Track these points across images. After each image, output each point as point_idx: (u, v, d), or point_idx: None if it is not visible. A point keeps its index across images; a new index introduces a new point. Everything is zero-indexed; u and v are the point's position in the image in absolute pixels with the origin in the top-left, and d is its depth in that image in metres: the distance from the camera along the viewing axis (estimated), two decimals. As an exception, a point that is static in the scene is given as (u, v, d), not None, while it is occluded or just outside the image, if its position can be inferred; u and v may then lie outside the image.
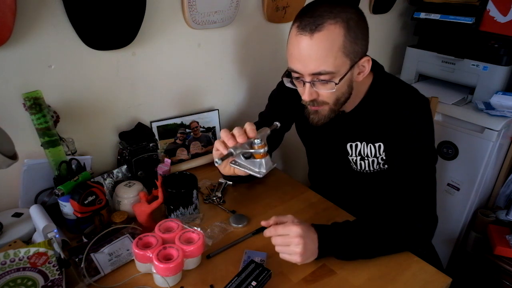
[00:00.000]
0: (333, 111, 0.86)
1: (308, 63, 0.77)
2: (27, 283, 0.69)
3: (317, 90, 0.81)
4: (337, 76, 0.78)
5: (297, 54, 0.78)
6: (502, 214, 1.52)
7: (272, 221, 0.78)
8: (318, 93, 0.82)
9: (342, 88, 0.82)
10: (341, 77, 0.78)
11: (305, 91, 0.81)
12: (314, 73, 0.77)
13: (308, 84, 0.80)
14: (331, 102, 0.84)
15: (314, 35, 0.74)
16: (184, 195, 0.90)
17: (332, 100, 0.83)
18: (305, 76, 0.79)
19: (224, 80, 1.27)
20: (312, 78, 0.79)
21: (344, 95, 0.84)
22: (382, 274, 0.78)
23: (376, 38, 1.76)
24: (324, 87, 0.80)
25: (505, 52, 1.42)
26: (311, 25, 0.75)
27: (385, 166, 0.95)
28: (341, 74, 0.78)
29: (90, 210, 0.84)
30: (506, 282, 1.40)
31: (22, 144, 0.85)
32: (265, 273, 0.72)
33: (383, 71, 0.94)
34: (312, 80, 0.79)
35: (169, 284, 0.73)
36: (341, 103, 0.86)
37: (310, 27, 0.75)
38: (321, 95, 0.82)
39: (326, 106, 0.84)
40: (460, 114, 1.47)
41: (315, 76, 0.78)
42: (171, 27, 1.06)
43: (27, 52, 0.85)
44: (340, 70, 0.78)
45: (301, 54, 0.77)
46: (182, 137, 1.19)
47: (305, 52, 0.76)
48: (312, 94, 0.81)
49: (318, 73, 0.77)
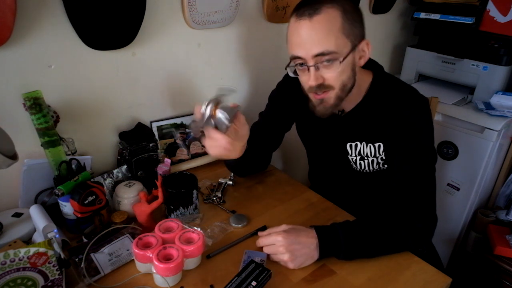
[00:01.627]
0: (340, 98, 0.85)
1: (310, 45, 0.78)
2: (27, 283, 0.69)
3: (322, 74, 0.81)
4: (341, 56, 0.79)
5: (298, 40, 0.79)
6: (502, 214, 1.52)
7: (266, 233, 0.82)
8: (323, 77, 0.82)
9: (347, 71, 0.82)
10: (344, 56, 0.79)
11: (311, 76, 0.81)
12: (317, 54, 0.78)
13: (312, 68, 0.80)
14: (337, 87, 0.83)
15: (313, 18, 0.77)
16: (184, 195, 0.90)
17: (338, 84, 0.82)
18: (308, 60, 0.80)
19: (224, 80, 1.27)
20: (315, 61, 0.79)
21: (349, 80, 0.84)
22: (382, 274, 0.78)
23: (376, 38, 1.76)
24: (328, 70, 0.80)
25: (505, 52, 1.42)
26: (309, 10, 0.77)
27: (385, 166, 0.95)
28: (343, 54, 0.79)
29: (90, 210, 0.84)
30: (506, 282, 1.40)
31: (22, 144, 0.85)
32: (265, 273, 0.72)
33: (382, 71, 0.94)
34: (316, 64, 0.79)
35: (169, 284, 0.73)
36: (347, 89, 0.85)
37: (308, 12, 0.77)
38: (326, 79, 0.82)
39: (332, 92, 0.83)
40: (460, 114, 1.47)
41: (319, 58, 0.78)
42: (171, 27, 1.06)
43: (27, 52, 0.85)
44: (342, 50, 0.79)
45: (303, 38, 0.78)
46: (182, 137, 1.19)
47: (306, 35, 0.78)
48: (318, 78, 0.81)
49: (321, 54, 0.78)
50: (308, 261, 0.78)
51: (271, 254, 0.79)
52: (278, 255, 0.78)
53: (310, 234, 0.79)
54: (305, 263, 0.78)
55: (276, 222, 0.93)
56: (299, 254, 0.77)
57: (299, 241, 0.77)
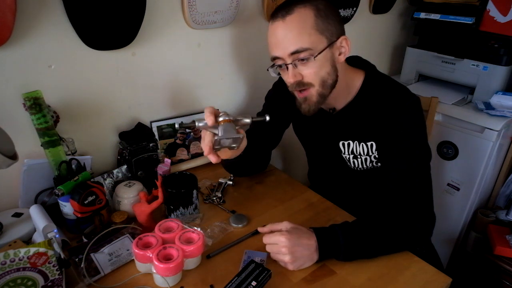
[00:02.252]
0: (322, 95, 0.86)
1: (285, 44, 0.81)
2: (27, 283, 0.69)
3: (300, 71, 0.83)
4: (315, 52, 0.81)
5: (274, 40, 0.83)
6: (502, 214, 1.52)
7: (266, 229, 0.82)
8: (301, 74, 0.84)
9: (325, 67, 0.83)
10: (319, 52, 0.81)
11: (289, 73, 0.83)
12: (292, 52, 0.80)
13: (290, 66, 0.83)
14: (317, 84, 0.84)
15: (286, 18, 0.80)
16: (184, 195, 0.90)
17: (317, 80, 0.84)
18: (286, 59, 0.82)
19: (224, 80, 1.27)
20: (292, 59, 0.82)
21: (330, 76, 0.85)
22: (382, 274, 0.78)
23: (376, 38, 1.76)
24: (305, 66, 0.82)
25: (505, 52, 1.42)
26: (282, 11, 0.81)
27: (378, 164, 0.95)
28: (318, 50, 0.81)
29: (90, 210, 0.84)
30: (506, 282, 1.40)
31: (22, 144, 0.85)
32: (265, 273, 0.72)
33: (375, 70, 0.94)
34: (293, 61, 0.82)
35: (169, 284, 0.73)
36: (328, 86, 0.86)
37: (281, 13, 0.81)
38: (305, 76, 0.84)
39: (313, 89, 0.85)
40: (460, 114, 1.47)
41: (295, 56, 0.81)
42: (171, 27, 1.06)
43: (27, 52, 0.85)
44: (317, 46, 0.81)
45: (278, 38, 0.82)
46: (182, 137, 1.19)
47: (281, 35, 0.81)
48: (296, 75, 0.83)
49: (296, 52, 0.80)
50: (308, 263, 0.78)
51: (272, 253, 0.79)
52: (280, 255, 0.77)
53: (311, 236, 0.79)
54: (305, 265, 0.78)
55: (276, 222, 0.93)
56: (299, 255, 0.77)
57: (300, 243, 0.77)
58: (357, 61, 0.96)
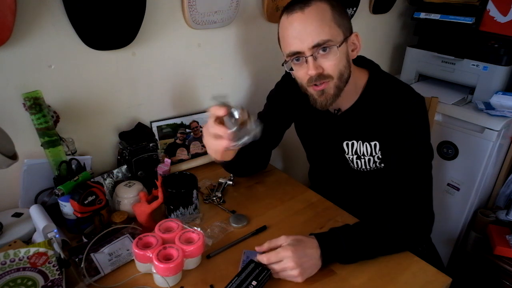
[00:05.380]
0: (339, 88, 0.85)
1: (305, 36, 0.80)
2: (27, 283, 0.69)
3: (321, 64, 0.82)
4: (336, 44, 0.81)
5: (293, 33, 0.81)
6: (502, 214, 1.52)
7: (265, 247, 0.78)
8: (322, 67, 0.83)
9: (343, 60, 0.84)
10: (340, 43, 0.81)
11: (310, 65, 0.82)
12: (314, 45, 0.80)
13: (311, 58, 0.81)
14: (336, 76, 0.84)
15: (305, 10, 0.79)
16: (184, 195, 0.90)
17: (336, 73, 0.83)
18: (305, 51, 0.81)
19: (224, 80, 1.27)
20: (312, 51, 0.80)
21: (346, 70, 0.85)
22: (382, 274, 0.78)
23: (376, 38, 1.76)
24: (326, 58, 0.82)
25: (505, 52, 1.42)
26: (300, 4, 0.80)
27: (382, 165, 0.95)
28: (338, 42, 0.81)
29: (90, 210, 0.84)
30: (506, 282, 1.40)
31: (22, 144, 0.85)
32: (265, 273, 0.72)
33: (379, 69, 0.94)
34: (313, 53, 0.81)
35: (169, 284, 0.73)
36: (345, 79, 0.86)
37: (299, 6, 0.80)
38: (325, 68, 0.83)
39: (332, 82, 0.84)
40: (460, 114, 1.47)
41: (315, 49, 0.80)
42: (171, 27, 1.06)
43: (27, 52, 0.85)
44: (336, 39, 0.81)
45: (297, 31, 0.81)
46: (182, 137, 1.19)
47: (300, 27, 0.80)
48: (317, 67, 0.82)
49: (317, 44, 0.80)
50: (314, 271, 0.76)
51: (278, 271, 0.75)
52: (287, 272, 0.74)
53: (314, 245, 0.77)
54: (313, 273, 0.76)
55: (276, 222, 0.93)
56: (307, 266, 0.75)
57: (306, 254, 0.75)
58: (361, 61, 0.96)
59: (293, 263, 0.73)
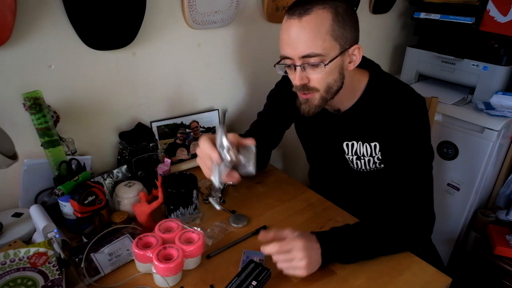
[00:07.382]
0: (324, 100, 0.85)
1: (297, 46, 0.78)
2: (27, 283, 0.69)
3: (308, 75, 0.82)
4: (327, 59, 0.79)
5: (287, 39, 0.80)
6: (502, 214, 1.52)
7: (272, 235, 0.77)
8: (308, 78, 0.82)
9: (333, 74, 0.82)
10: (331, 59, 0.79)
11: (296, 75, 0.81)
12: (303, 55, 0.78)
13: (298, 68, 0.81)
14: (322, 89, 0.83)
15: (302, 19, 0.77)
16: (184, 195, 0.90)
17: (323, 86, 0.83)
18: (295, 60, 0.80)
19: (224, 80, 1.27)
20: (302, 61, 0.80)
21: (336, 83, 0.84)
22: (382, 274, 0.78)
23: (376, 38, 1.77)
24: (314, 71, 0.81)
25: (505, 52, 1.42)
26: (300, 10, 0.77)
27: (381, 166, 0.95)
28: (330, 58, 0.79)
29: (90, 210, 0.84)
30: (506, 282, 1.40)
31: (22, 144, 0.85)
32: (265, 273, 0.72)
33: (379, 70, 0.94)
34: (303, 64, 0.80)
35: (169, 284, 0.73)
36: (333, 92, 0.85)
37: (299, 12, 0.77)
38: (311, 80, 0.82)
39: (317, 93, 0.84)
40: (460, 114, 1.47)
41: (305, 60, 0.79)
42: (171, 27, 1.06)
43: (27, 52, 0.85)
44: (329, 53, 0.79)
45: (291, 38, 0.79)
46: (182, 137, 1.19)
47: (294, 35, 0.78)
48: (303, 78, 0.82)
49: (307, 56, 0.78)
50: (316, 267, 0.76)
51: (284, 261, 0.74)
52: (295, 262, 0.72)
53: (316, 241, 0.77)
54: (314, 269, 0.76)
55: (276, 222, 0.93)
56: (314, 259, 0.74)
57: (313, 247, 0.75)
58: (361, 61, 0.96)
59: (303, 253, 0.72)
